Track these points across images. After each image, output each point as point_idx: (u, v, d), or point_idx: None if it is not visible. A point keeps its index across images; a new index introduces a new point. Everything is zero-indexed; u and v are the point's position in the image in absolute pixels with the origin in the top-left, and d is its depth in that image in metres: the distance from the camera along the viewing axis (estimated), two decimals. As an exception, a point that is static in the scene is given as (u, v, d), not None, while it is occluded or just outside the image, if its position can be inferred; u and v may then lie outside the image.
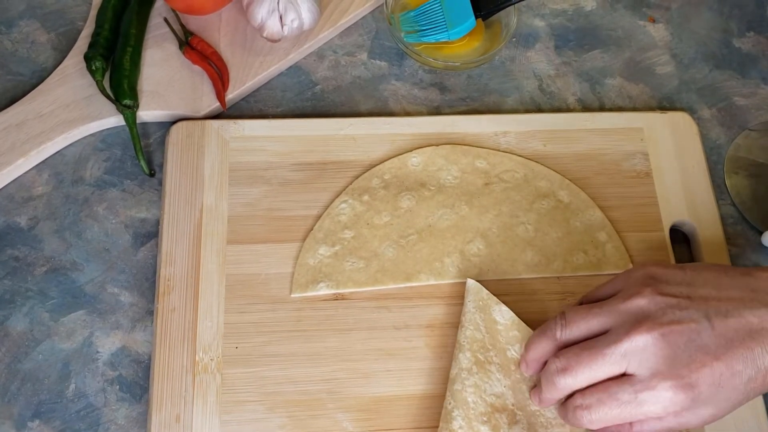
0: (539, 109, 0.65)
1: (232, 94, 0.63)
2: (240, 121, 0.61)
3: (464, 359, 0.51)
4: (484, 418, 0.49)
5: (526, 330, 0.52)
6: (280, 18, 0.61)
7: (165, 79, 0.63)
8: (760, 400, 0.53)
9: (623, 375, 0.44)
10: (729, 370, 0.42)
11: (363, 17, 0.68)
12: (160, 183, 0.59)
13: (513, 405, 0.50)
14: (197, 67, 0.63)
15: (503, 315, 0.52)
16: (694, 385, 0.42)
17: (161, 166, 0.60)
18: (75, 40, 0.64)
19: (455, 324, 0.54)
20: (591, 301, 0.49)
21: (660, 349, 0.43)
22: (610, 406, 0.44)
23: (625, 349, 0.43)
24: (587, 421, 0.45)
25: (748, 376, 0.42)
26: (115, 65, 0.61)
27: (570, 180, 0.60)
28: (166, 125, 0.62)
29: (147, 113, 0.61)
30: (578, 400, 0.46)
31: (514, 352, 0.51)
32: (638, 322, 0.44)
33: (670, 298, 0.44)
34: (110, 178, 0.60)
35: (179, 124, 0.60)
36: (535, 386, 0.49)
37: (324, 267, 0.55)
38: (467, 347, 0.51)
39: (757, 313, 0.43)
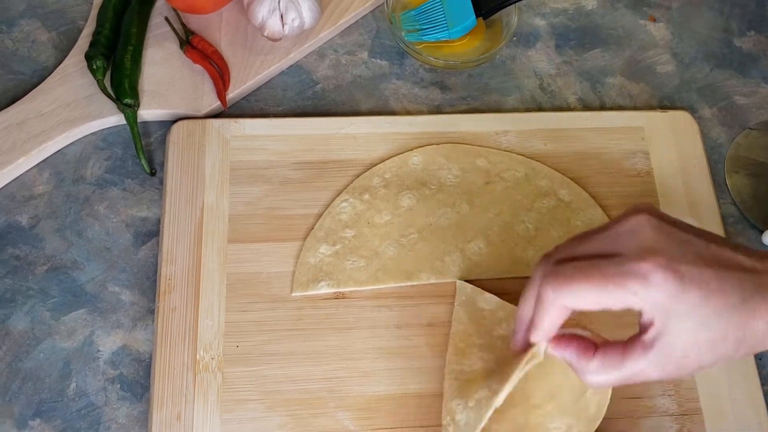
0: (540, 108, 0.65)
1: (233, 93, 0.63)
2: (241, 120, 0.61)
3: (448, 356, 0.52)
4: (457, 393, 0.49)
5: (511, 308, 0.52)
6: (281, 17, 0.61)
7: (166, 79, 0.63)
8: (760, 399, 0.53)
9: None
10: (717, 283, 0.38)
11: (364, 16, 0.68)
12: (161, 182, 0.59)
13: (495, 367, 0.49)
14: (198, 66, 0.63)
15: (488, 302, 0.53)
16: (683, 276, 0.38)
17: (162, 165, 0.60)
18: (76, 40, 0.64)
19: (456, 323, 0.54)
20: None
21: (653, 235, 0.39)
22: (587, 276, 0.39)
23: (618, 231, 0.40)
24: (551, 293, 0.40)
25: (734, 303, 0.38)
26: (116, 64, 0.61)
27: (571, 179, 0.60)
28: (167, 124, 0.62)
29: (148, 112, 0.61)
30: (551, 267, 0.41)
31: (500, 330, 0.52)
32: (634, 213, 0.41)
33: (668, 221, 0.41)
34: (111, 177, 0.60)
35: (180, 123, 0.60)
36: None
37: (325, 266, 0.55)
38: (450, 344, 0.52)
39: (750, 258, 0.40)
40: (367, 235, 0.57)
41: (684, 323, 0.38)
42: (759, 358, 0.55)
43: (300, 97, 0.64)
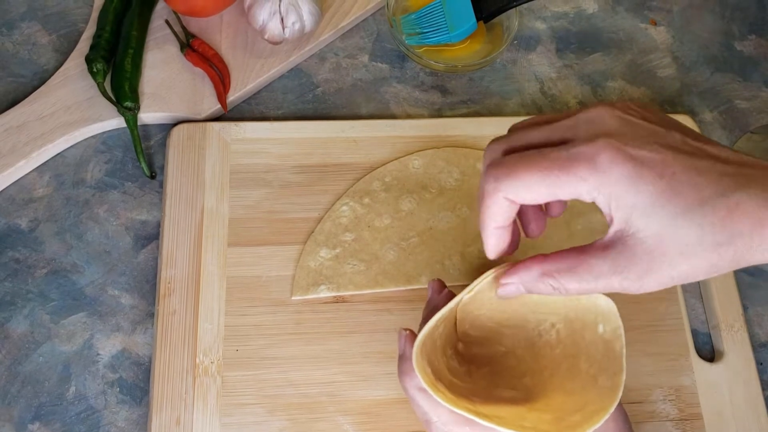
0: (541, 112, 0.65)
1: (233, 96, 0.63)
2: (241, 123, 0.61)
3: None
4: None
5: None
6: (282, 20, 0.61)
7: (166, 81, 0.63)
8: (761, 404, 0.53)
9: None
10: (686, 173, 0.32)
11: (364, 19, 0.68)
12: (161, 185, 0.59)
13: None
14: (198, 69, 0.63)
15: None
16: (637, 161, 0.33)
17: (162, 168, 0.60)
18: (76, 42, 0.64)
19: (456, 327, 0.54)
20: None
21: (614, 123, 0.34)
22: (531, 163, 0.35)
23: (575, 120, 0.36)
24: (493, 183, 0.36)
25: (709, 197, 0.32)
26: (116, 67, 0.61)
27: (571, 183, 0.60)
28: (167, 127, 0.62)
29: (148, 115, 0.61)
30: (497, 158, 0.37)
31: None
32: (598, 104, 0.36)
33: (643, 110, 0.36)
34: (111, 180, 0.60)
35: (180, 126, 0.60)
36: None
37: (325, 269, 0.55)
38: None
39: (735, 153, 0.35)
40: (368, 238, 0.57)
41: (647, 221, 0.33)
42: (760, 363, 0.55)
43: (300, 100, 0.64)
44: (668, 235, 0.32)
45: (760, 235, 0.32)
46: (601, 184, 0.33)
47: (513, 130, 0.40)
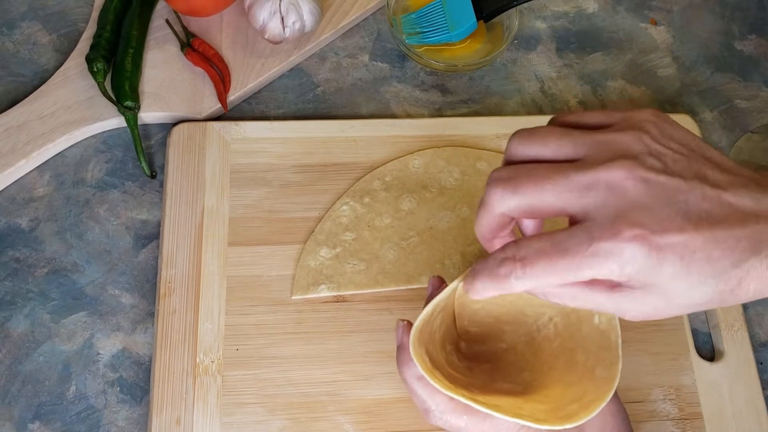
0: (541, 112, 0.65)
1: (234, 95, 0.63)
2: (241, 123, 0.61)
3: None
4: None
5: None
6: (282, 20, 0.61)
7: (166, 81, 0.63)
8: (761, 403, 0.53)
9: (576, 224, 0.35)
10: (707, 250, 0.33)
11: (365, 19, 0.68)
12: (161, 185, 0.59)
13: None
14: (199, 69, 0.63)
15: None
16: (661, 250, 0.33)
17: (162, 167, 0.60)
18: (76, 42, 0.64)
19: (456, 326, 0.54)
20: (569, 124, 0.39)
21: (636, 192, 0.34)
22: (553, 262, 0.34)
23: (593, 179, 0.34)
24: (515, 281, 0.35)
25: (724, 269, 0.34)
26: (117, 67, 0.61)
27: (571, 182, 0.60)
28: (168, 127, 0.62)
29: (148, 115, 0.61)
30: (510, 251, 0.36)
31: None
32: (619, 156, 0.34)
33: (665, 148, 0.35)
34: (111, 179, 0.60)
35: (180, 125, 0.60)
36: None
37: (325, 269, 0.55)
38: None
39: (755, 197, 0.34)
40: (368, 238, 0.57)
41: (661, 288, 0.34)
42: (760, 362, 0.55)
43: (301, 99, 0.64)
44: (678, 297, 0.35)
45: (762, 293, 0.35)
46: (622, 270, 0.34)
47: (514, 161, 0.38)
